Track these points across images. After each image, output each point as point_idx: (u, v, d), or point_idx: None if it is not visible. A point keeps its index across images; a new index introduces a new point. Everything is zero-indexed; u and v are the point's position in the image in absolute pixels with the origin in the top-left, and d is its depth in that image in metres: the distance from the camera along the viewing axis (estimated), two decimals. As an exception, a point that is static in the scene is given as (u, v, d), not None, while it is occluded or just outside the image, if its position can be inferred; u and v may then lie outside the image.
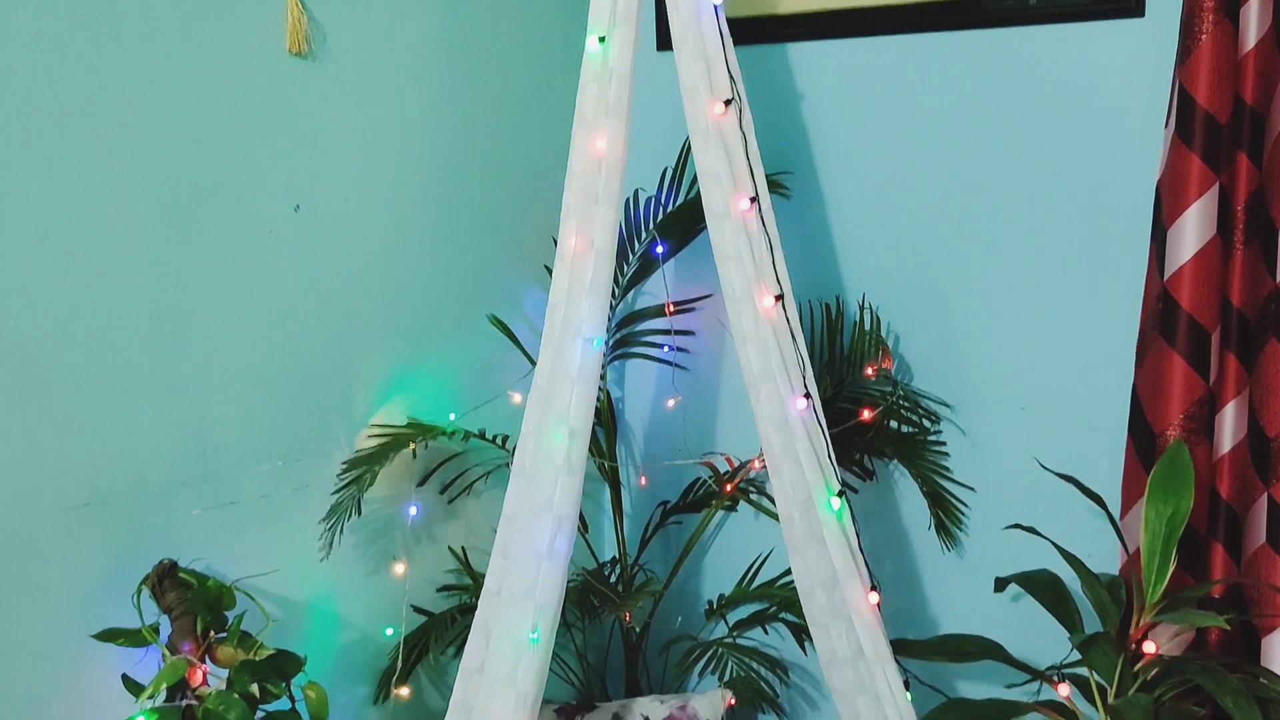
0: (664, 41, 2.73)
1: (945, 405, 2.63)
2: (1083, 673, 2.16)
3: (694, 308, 2.79)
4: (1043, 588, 2.23)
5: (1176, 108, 2.21)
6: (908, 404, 2.61)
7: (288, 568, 2.35)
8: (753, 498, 2.71)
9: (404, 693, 2.51)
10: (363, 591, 2.52)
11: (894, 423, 2.61)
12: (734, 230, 2.28)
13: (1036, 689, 2.25)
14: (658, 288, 2.77)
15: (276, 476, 2.36)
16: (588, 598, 2.61)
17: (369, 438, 2.48)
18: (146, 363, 2.18)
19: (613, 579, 2.71)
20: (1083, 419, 2.48)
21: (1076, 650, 2.10)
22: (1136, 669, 2.09)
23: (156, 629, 2.11)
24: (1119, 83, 2.42)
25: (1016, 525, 2.23)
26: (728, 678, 2.63)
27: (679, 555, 2.78)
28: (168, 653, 2.09)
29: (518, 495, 2.27)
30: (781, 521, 2.33)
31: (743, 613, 2.73)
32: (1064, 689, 2.18)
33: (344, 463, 2.43)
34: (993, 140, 2.55)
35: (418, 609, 2.57)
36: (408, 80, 2.56)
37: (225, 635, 2.13)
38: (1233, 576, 2.23)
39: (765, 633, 2.72)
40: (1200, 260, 2.20)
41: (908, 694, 2.31)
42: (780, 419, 2.29)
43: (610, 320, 2.63)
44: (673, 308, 2.73)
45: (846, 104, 2.69)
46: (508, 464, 2.49)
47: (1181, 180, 2.21)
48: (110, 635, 2.07)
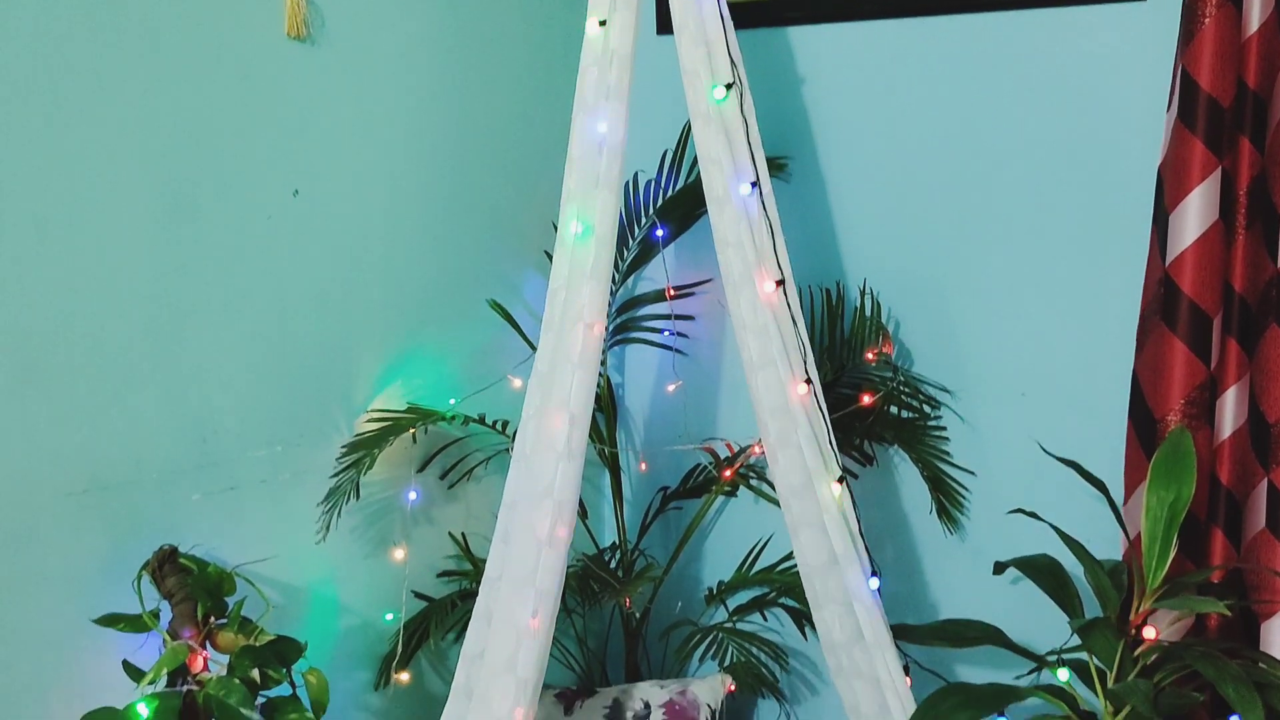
0: (664, 25, 2.71)
1: (946, 390, 2.62)
2: (1083, 658, 2.16)
3: (694, 292, 2.79)
4: (1043, 572, 2.23)
5: (1179, 91, 2.20)
6: (908, 389, 2.61)
7: (288, 553, 2.34)
8: (753, 483, 2.71)
9: (404, 677, 2.52)
10: (363, 577, 2.52)
11: (894, 408, 2.61)
12: (734, 215, 2.27)
13: (1036, 674, 2.25)
14: (658, 272, 2.76)
15: (276, 462, 2.36)
16: (588, 583, 2.61)
17: (368, 423, 2.48)
18: (145, 349, 2.18)
19: (613, 564, 2.71)
20: (1083, 404, 2.47)
21: (1077, 635, 2.10)
22: (1137, 654, 2.10)
23: (157, 614, 2.11)
24: (1121, 66, 2.41)
25: (1019, 510, 2.23)
26: (728, 663, 2.63)
27: (679, 541, 2.78)
28: (168, 638, 2.09)
29: (518, 481, 2.27)
30: (782, 506, 2.33)
31: (742, 598, 2.74)
32: (1064, 674, 2.19)
33: (343, 446, 2.43)
34: (994, 125, 2.54)
35: (418, 594, 2.57)
36: (407, 64, 2.55)
37: (226, 621, 2.13)
38: (1232, 562, 2.23)
39: (765, 618, 2.72)
40: (1202, 245, 2.20)
41: (907, 679, 2.31)
42: (781, 404, 2.29)
43: (610, 305, 2.63)
44: (673, 292, 2.73)
45: (847, 88, 2.68)
46: (508, 449, 2.49)
47: (1184, 165, 2.20)
48: (111, 620, 2.07)
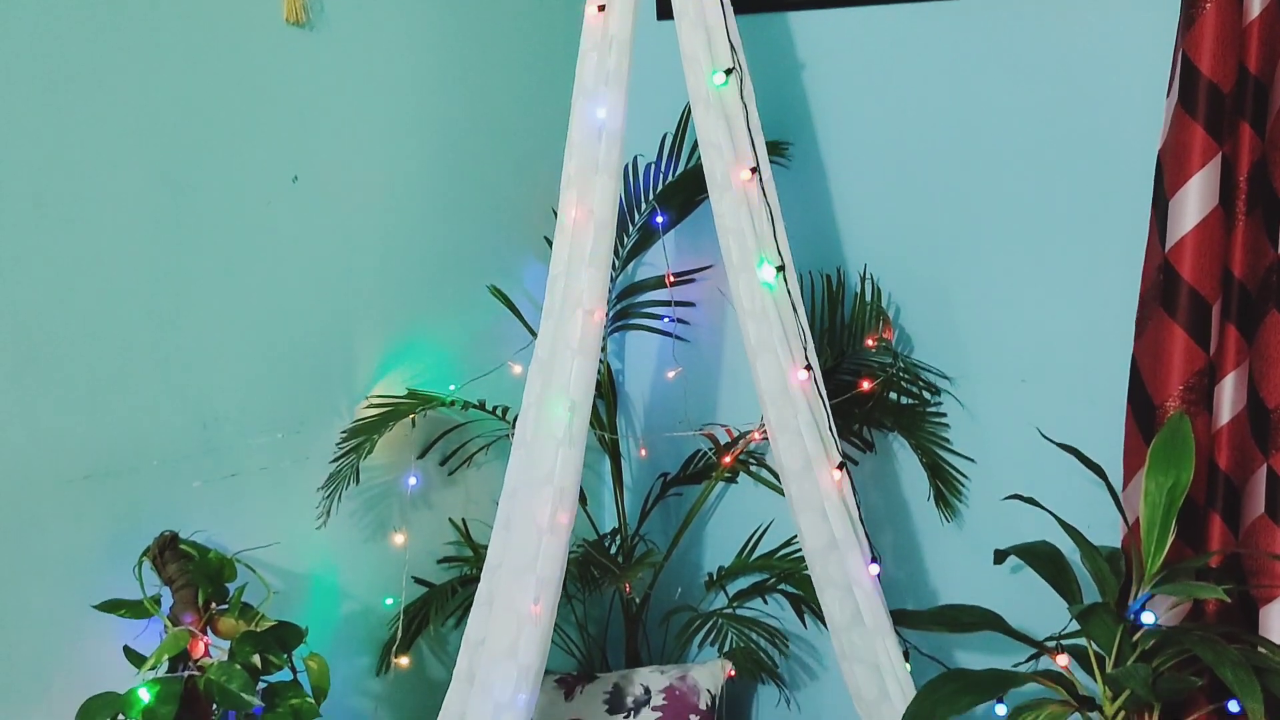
0: (664, 10, 2.71)
1: (945, 377, 2.62)
2: (1081, 643, 2.16)
3: (694, 279, 2.79)
4: (1042, 559, 2.23)
5: (1179, 77, 2.20)
6: (908, 375, 2.61)
7: (288, 540, 2.35)
8: (753, 469, 2.71)
9: (404, 662, 2.52)
10: (363, 563, 2.53)
11: (894, 394, 2.61)
12: (735, 201, 2.27)
13: (1035, 660, 2.26)
14: (658, 258, 2.76)
15: (277, 448, 2.36)
16: (588, 569, 2.61)
17: (368, 408, 2.48)
18: (145, 335, 2.18)
19: (613, 550, 2.71)
20: (1083, 391, 2.47)
21: (1075, 621, 2.11)
22: (1135, 639, 2.10)
23: (158, 601, 2.11)
24: (1121, 52, 2.41)
25: (1016, 496, 2.23)
26: (728, 648, 2.64)
27: (679, 527, 2.78)
28: (169, 624, 2.09)
29: (519, 468, 2.27)
30: (785, 490, 2.33)
31: (742, 584, 2.74)
32: (1062, 659, 2.19)
33: (343, 432, 2.43)
34: (994, 110, 2.53)
35: (418, 580, 2.57)
36: (406, 50, 2.55)
37: (227, 607, 2.13)
38: (1231, 547, 2.23)
39: (765, 603, 2.73)
40: (1202, 231, 2.19)
41: (907, 665, 2.32)
42: (781, 390, 2.29)
43: (610, 292, 2.63)
44: (673, 279, 2.73)
45: (847, 73, 2.67)
46: (508, 435, 2.49)
47: (1184, 150, 2.19)
48: (112, 606, 2.08)
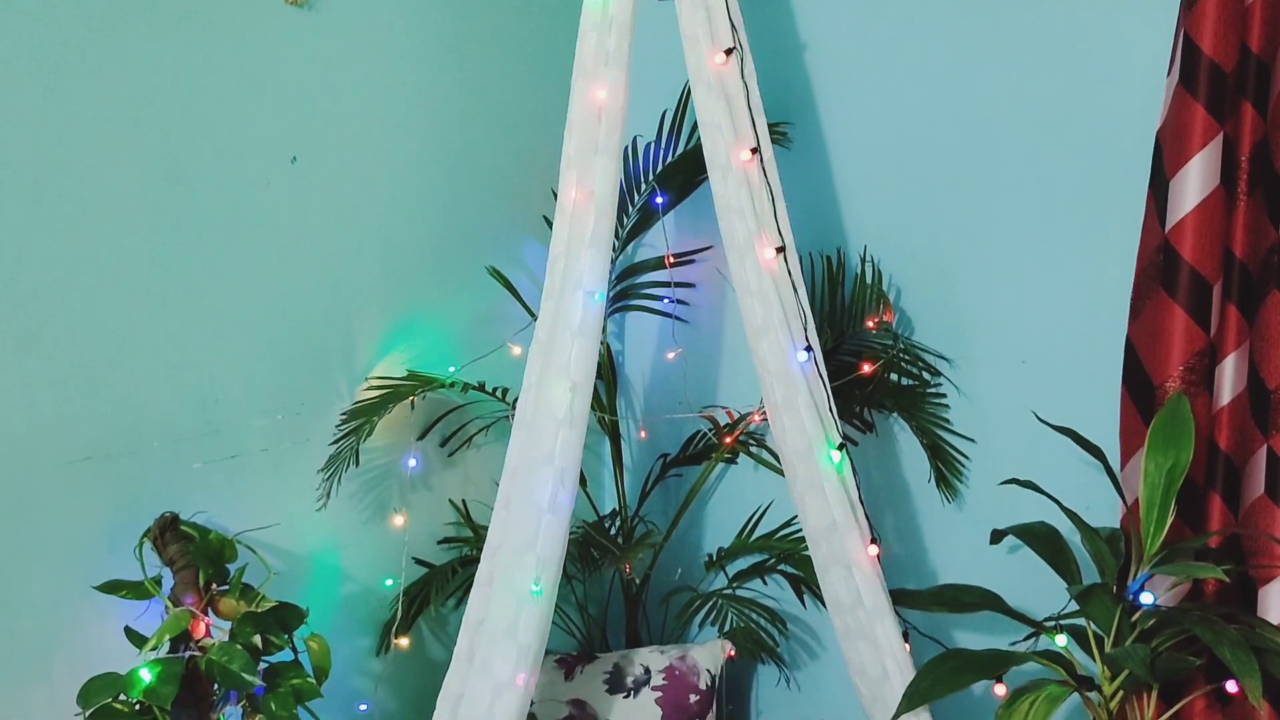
0: (664, -10, 2.69)
1: (945, 359, 2.62)
2: (1080, 623, 2.17)
3: (694, 260, 2.78)
4: (1041, 540, 2.23)
5: (1180, 56, 2.18)
6: (908, 357, 2.61)
7: (289, 521, 2.35)
8: (753, 450, 2.72)
9: (404, 643, 2.53)
10: (363, 544, 2.53)
11: (894, 375, 2.61)
12: (735, 181, 2.26)
13: (1034, 640, 2.26)
14: (657, 239, 2.76)
15: (277, 430, 2.36)
16: (588, 550, 2.62)
17: (368, 390, 2.48)
18: (145, 317, 2.18)
19: (613, 531, 2.72)
20: (1082, 372, 2.47)
21: (1074, 601, 2.11)
22: (1134, 619, 2.10)
23: (159, 581, 2.12)
24: (1121, 31, 2.40)
25: (1014, 480, 2.23)
26: (727, 628, 2.65)
27: (679, 508, 2.79)
28: (170, 605, 2.10)
29: (519, 449, 2.27)
30: (786, 471, 2.34)
31: (742, 564, 2.75)
32: (1061, 639, 2.19)
33: (343, 414, 2.43)
34: (995, 91, 2.53)
35: (418, 560, 2.58)
36: (406, 30, 2.54)
37: (227, 588, 2.14)
38: (1231, 527, 2.23)
39: (764, 584, 2.73)
40: (1203, 211, 2.18)
41: (906, 645, 2.32)
42: (781, 371, 2.29)
43: (610, 273, 2.62)
44: (673, 260, 2.72)
45: (848, 55, 2.66)
46: (508, 416, 2.49)
47: (1185, 130, 2.18)
48: (113, 587, 2.08)
